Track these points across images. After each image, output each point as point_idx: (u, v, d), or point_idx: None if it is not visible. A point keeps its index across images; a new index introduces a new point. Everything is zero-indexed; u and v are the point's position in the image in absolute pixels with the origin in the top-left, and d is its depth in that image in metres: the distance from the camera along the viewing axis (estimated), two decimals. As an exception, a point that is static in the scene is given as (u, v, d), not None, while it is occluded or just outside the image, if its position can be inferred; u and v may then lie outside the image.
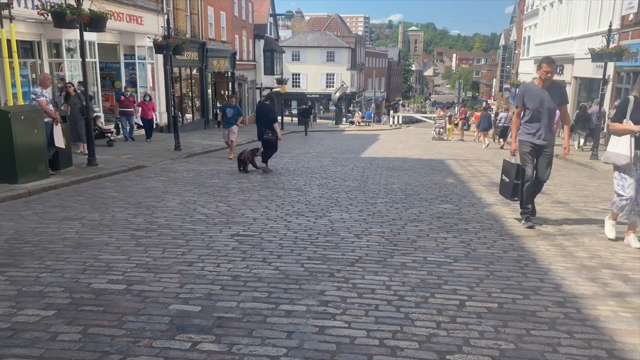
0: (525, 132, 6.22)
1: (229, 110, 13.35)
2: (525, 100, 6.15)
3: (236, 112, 13.43)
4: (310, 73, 56.96)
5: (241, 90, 33.84)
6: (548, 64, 6.03)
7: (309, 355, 2.95)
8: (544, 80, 6.04)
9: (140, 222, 6.28)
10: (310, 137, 25.02)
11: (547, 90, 6.07)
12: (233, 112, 13.30)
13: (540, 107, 6.07)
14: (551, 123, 6.28)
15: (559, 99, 6.15)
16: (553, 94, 6.07)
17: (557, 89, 6.19)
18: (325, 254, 5.02)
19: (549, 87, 6.09)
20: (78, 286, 4.05)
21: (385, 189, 9.09)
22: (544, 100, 6.05)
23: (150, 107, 17.28)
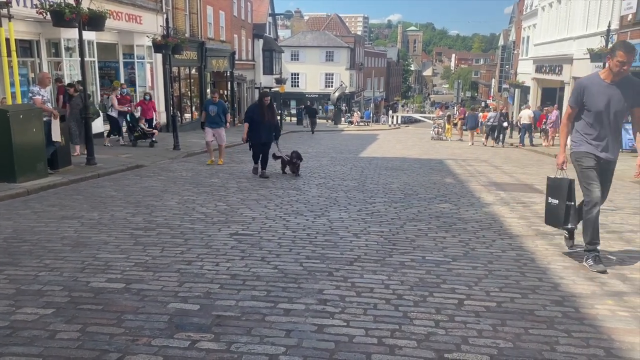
0: (585, 140, 4.73)
1: (212, 107, 11.77)
2: (585, 98, 4.65)
3: (221, 110, 11.90)
4: (309, 73, 56.98)
5: (240, 89, 33.84)
6: (626, 52, 4.43)
7: (308, 354, 2.96)
8: (616, 73, 4.52)
9: (139, 221, 6.28)
10: (309, 137, 25.03)
11: (617, 86, 4.57)
12: (217, 109, 11.75)
13: (607, 109, 4.59)
14: (619, 131, 4.90)
15: (633, 99, 4.60)
16: (625, 92, 4.57)
17: (631, 86, 4.61)
18: (324, 253, 5.02)
19: (620, 82, 4.57)
20: (77, 285, 4.05)
21: (384, 188, 9.10)
22: (612, 99, 4.57)
23: (151, 106, 16.50)
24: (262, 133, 10.10)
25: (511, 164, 13.82)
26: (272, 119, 10.34)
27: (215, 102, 11.94)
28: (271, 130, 10.30)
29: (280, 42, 52.25)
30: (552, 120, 19.58)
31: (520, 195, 8.62)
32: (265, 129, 10.09)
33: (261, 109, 10.07)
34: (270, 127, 10.22)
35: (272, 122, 10.27)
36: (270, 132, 10.28)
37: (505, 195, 8.66)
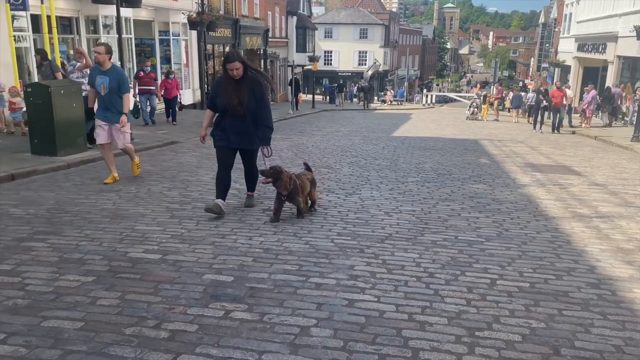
0: None
1: (100, 79, 6.73)
2: None
3: (115, 84, 6.72)
4: (343, 50, 56.34)
5: (273, 68, 33.81)
6: None
7: (339, 327, 3.00)
8: None
9: (175, 195, 6.42)
10: (341, 116, 24.90)
11: None
12: (109, 83, 6.69)
13: None
14: None
15: None
16: None
17: None
18: (355, 231, 5.04)
19: None
20: (115, 255, 4.20)
21: (417, 168, 9.02)
22: None
23: (174, 85, 15.29)
24: (230, 130, 5.42)
25: (549, 146, 13.46)
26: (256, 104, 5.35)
27: (104, 69, 6.74)
28: (249, 127, 5.42)
29: (314, 19, 51.75)
30: (588, 100, 18.79)
31: (558, 177, 8.42)
32: (238, 124, 5.38)
33: (226, 86, 5.34)
34: (248, 120, 5.38)
35: (249, 112, 5.35)
36: (248, 129, 5.42)
37: (542, 176, 8.47)
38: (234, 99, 5.30)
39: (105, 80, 6.79)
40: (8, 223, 5.01)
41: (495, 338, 2.95)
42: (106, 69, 6.83)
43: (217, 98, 5.51)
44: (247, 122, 5.44)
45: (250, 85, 5.37)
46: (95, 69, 7.03)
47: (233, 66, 5.26)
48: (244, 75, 5.34)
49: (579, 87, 24.59)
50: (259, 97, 5.41)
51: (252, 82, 5.41)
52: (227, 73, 5.32)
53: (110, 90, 6.80)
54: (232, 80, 5.32)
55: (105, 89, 6.81)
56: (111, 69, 6.85)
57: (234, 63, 5.27)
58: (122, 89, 6.87)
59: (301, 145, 12.19)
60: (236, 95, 5.30)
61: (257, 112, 5.43)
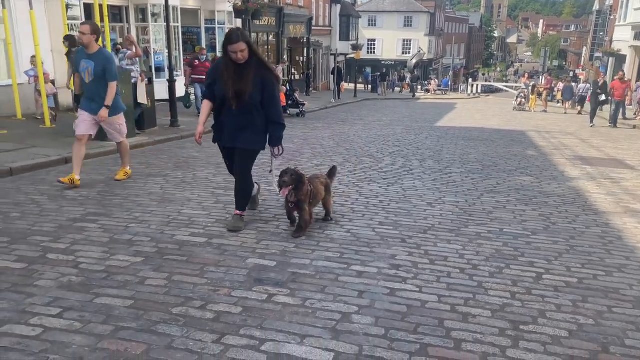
0: None
1: (87, 64, 5.83)
2: None
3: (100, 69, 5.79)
4: (386, 39, 55.66)
5: (316, 56, 33.77)
6: None
7: (380, 315, 3.00)
8: None
9: (220, 181, 6.55)
10: (383, 105, 24.69)
11: None
12: (94, 68, 5.78)
13: None
14: None
15: None
16: None
17: None
18: (396, 220, 5.01)
19: None
20: (163, 237, 4.33)
21: (461, 159, 8.86)
22: None
23: None
24: (228, 126, 4.47)
25: (600, 138, 12.95)
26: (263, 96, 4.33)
27: (90, 52, 5.83)
28: (251, 124, 4.41)
29: (358, 7, 51.25)
30: None
31: (609, 171, 8.10)
32: (238, 119, 4.39)
33: (226, 72, 4.30)
34: (251, 115, 4.37)
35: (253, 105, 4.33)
36: (249, 126, 4.41)
37: (592, 170, 8.16)
38: (232, 89, 4.24)
39: (90, 65, 5.82)
40: (62, 204, 5.24)
41: (540, 333, 2.88)
42: (92, 53, 5.85)
43: (214, 86, 4.43)
44: (249, 117, 4.34)
45: (257, 72, 4.28)
46: (80, 52, 6.06)
47: (236, 48, 4.17)
48: (250, 60, 4.27)
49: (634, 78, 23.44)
50: (268, 88, 4.32)
51: (260, 68, 4.33)
52: (229, 57, 4.25)
53: (96, 77, 5.85)
54: (233, 65, 4.27)
55: (89, 75, 5.87)
56: (97, 53, 5.87)
57: (238, 44, 4.16)
58: (108, 75, 5.87)
59: (343, 134, 12.18)
60: (237, 84, 4.24)
61: (265, 107, 4.36)
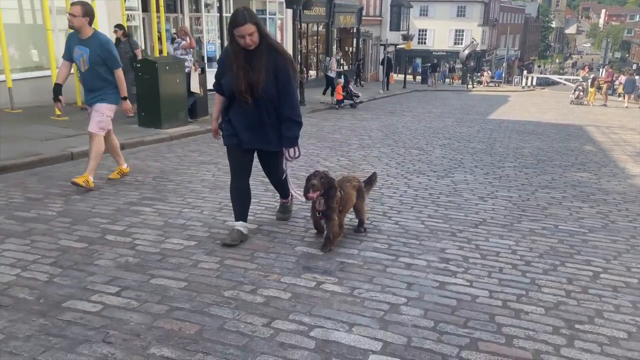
0: None
1: (81, 50, 5.18)
2: None
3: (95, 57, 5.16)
4: (438, 29, 54.50)
5: (365, 47, 33.52)
6: None
7: (429, 308, 2.98)
8: None
9: (268, 170, 6.63)
10: (433, 96, 24.25)
11: None
12: (89, 56, 5.15)
13: None
14: None
15: None
16: None
17: None
18: (446, 214, 4.94)
19: None
20: (215, 222, 4.43)
21: (515, 153, 8.61)
22: None
23: None
24: (240, 123, 3.85)
25: (665, 134, 12.27)
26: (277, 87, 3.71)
27: (84, 37, 5.16)
28: (267, 119, 3.81)
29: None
30: None
31: (675, 169, 7.67)
32: (250, 115, 3.80)
33: (236, 63, 3.66)
34: (265, 109, 3.78)
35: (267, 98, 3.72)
36: (265, 122, 3.82)
37: (656, 167, 7.76)
38: (244, 81, 3.60)
39: (85, 52, 5.16)
40: (120, 188, 5.45)
41: (597, 333, 2.78)
42: (86, 37, 5.16)
43: (222, 77, 3.81)
44: (263, 112, 3.74)
45: (270, 59, 3.62)
46: (72, 36, 5.28)
47: (244, 30, 3.49)
48: (260, 45, 3.61)
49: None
50: (282, 77, 3.65)
51: (273, 54, 3.65)
52: (236, 42, 3.58)
53: (92, 64, 5.17)
54: (242, 53, 3.61)
55: (84, 63, 5.20)
56: (92, 38, 5.16)
57: (246, 26, 3.49)
58: (110, 63, 5.22)
59: (391, 125, 12.07)
60: (247, 75, 3.59)
61: (279, 99, 3.70)
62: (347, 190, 3.92)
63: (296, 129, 3.87)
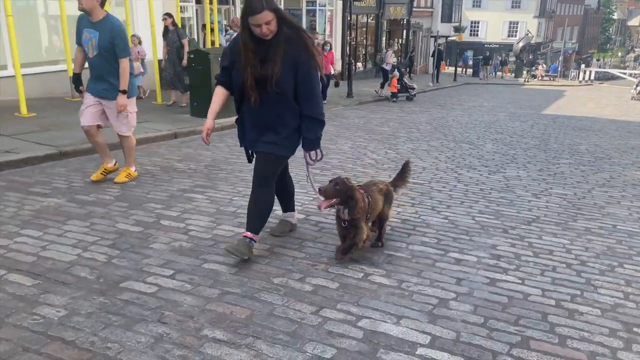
0: None
1: (88, 33, 4.71)
2: None
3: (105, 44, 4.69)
4: (491, 21, 52.95)
5: (415, 38, 33.02)
6: None
7: (479, 304, 2.93)
8: None
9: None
10: (484, 90, 23.64)
11: None
12: (98, 40, 4.68)
13: None
14: None
15: None
16: None
17: None
18: (498, 210, 4.83)
19: None
20: (264, 211, 4.50)
21: (570, 149, 8.31)
22: None
23: (330, 59, 13.49)
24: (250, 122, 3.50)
25: None
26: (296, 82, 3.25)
27: (94, 19, 4.68)
28: (280, 120, 3.35)
29: (462, -12, 49.15)
30: None
31: None
32: (262, 114, 3.36)
33: (246, 54, 3.17)
34: (280, 108, 3.31)
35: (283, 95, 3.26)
36: (277, 124, 3.36)
37: None
38: (252, 76, 3.16)
39: (94, 36, 4.66)
40: (173, 175, 5.62)
41: (658, 338, 2.66)
42: (96, 20, 4.66)
43: (233, 70, 3.32)
44: (278, 112, 3.28)
45: (289, 48, 3.16)
46: (82, 19, 4.78)
47: (260, 19, 3.05)
48: (278, 33, 3.14)
49: None
50: (302, 70, 3.20)
51: (292, 45, 3.17)
52: (247, 32, 3.13)
53: (101, 50, 4.69)
54: (254, 43, 3.14)
55: (93, 48, 4.70)
56: (103, 21, 4.67)
57: (263, 14, 3.04)
58: (118, 50, 4.71)
59: (441, 119, 11.87)
60: (259, 69, 3.14)
61: (298, 96, 3.26)
62: (374, 196, 3.55)
63: (317, 129, 3.38)
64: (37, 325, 2.54)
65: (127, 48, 4.85)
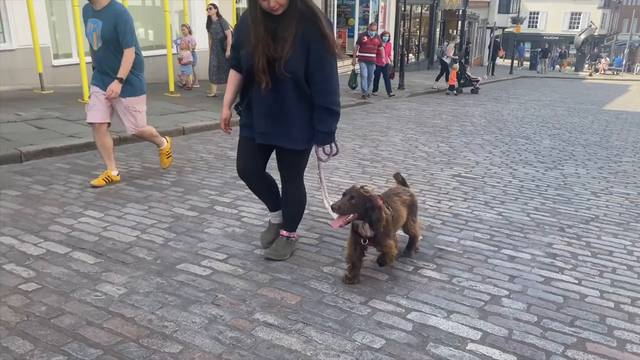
0: None
1: (94, 24, 4.32)
2: None
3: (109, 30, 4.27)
4: (551, 12, 50.86)
5: (470, 30, 32.18)
6: None
7: (533, 302, 2.86)
8: None
9: (366, 153, 6.66)
10: (542, 83, 22.79)
11: None
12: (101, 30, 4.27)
13: None
14: None
15: None
16: None
17: None
18: (555, 207, 4.67)
19: None
20: (313, 200, 4.53)
21: (634, 147, 7.92)
22: None
23: (388, 50, 13.07)
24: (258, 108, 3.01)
25: None
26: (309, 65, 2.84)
27: (98, 8, 4.32)
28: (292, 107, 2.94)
29: (522, -23, 47.39)
30: None
31: None
32: (271, 100, 2.92)
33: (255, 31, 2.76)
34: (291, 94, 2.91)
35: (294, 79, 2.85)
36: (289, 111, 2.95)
37: None
38: (260, 57, 2.76)
39: (98, 26, 4.29)
40: (226, 163, 5.75)
41: None
42: (100, 8, 4.30)
43: (241, 49, 2.94)
44: (287, 97, 2.89)
45: (301, 27, 2.75)
46: (87, 8, 4.43)
47: None
48: (289, 8, 2.74)
49: None
50: (316, 51, 2.79)
51: (306, 20, 2.76)
52: (255, 6, 2.73)
53: (105, 41, 4.31)
54: (263, 19, 2.73)
55: (97, 39, 4.34)
56: (107, 8, 4.29)
57: None
58: (122, 39, 4.30)
59: (495, 112, 11.57)
60: (267, 49, 2.74)
61: (310, 82, 2.87)
62: (396, 207, 3.09)
63: (331, 121, 2.97)
64: (99, 301, 2.68)
65: (132, 37, 4.36)
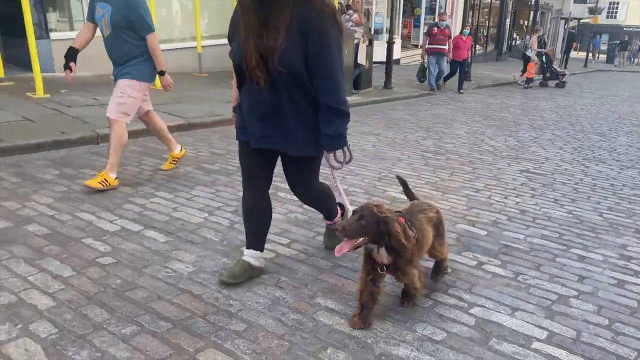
0: None
1: (103, 9, 3.94)
2: None
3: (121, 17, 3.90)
4: (634, 2, 47.73)
5: (543, 20, 30.77)
6: None
7: (604, 305, 2.74)
8: None
9: (429, 145, 6.56)
10: (620, 77, 21.51)
11: None
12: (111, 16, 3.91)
13: None
14: None
15: None
16: None
17: None
18: (630, 208, 4.43)
19: None
20: (375, 191, 4.54)
21: None
22: None
23: (468, 44, 12.33)
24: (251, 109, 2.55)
25: None
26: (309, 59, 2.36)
27: None
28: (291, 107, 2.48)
29: (602, -36, 44.68)
30: None
31: None
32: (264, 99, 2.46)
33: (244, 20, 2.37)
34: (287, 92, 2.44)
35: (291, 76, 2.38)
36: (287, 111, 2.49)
37: None
38: (252, 51, 2.37)
39: (107, 11, 3.93)
40: (289, 151, 5.83)
41: None
42: None
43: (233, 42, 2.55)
44: (284, 96, 2.46)
45: (297, 13, 2.34)
46: None
47: None
48: None
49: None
50: (316, 41, 2.35)
51: (301, 6, 2.34)
52: None
53: (114, 28, 3.95)
54: (253, 7, 2.34)
55: (106, 26, 3.98)
56: None
57: None
58: (137, 26, 3.95)
59: (567, 107, 11.05)
60: (259, 40, 2.35)
61: (312, 77, 2.42)
62: (421, 226, 2.51)
63: (339, 123, 2.50)
64: (169, 278, 2.81)
65: (148, 23, 3.97)
